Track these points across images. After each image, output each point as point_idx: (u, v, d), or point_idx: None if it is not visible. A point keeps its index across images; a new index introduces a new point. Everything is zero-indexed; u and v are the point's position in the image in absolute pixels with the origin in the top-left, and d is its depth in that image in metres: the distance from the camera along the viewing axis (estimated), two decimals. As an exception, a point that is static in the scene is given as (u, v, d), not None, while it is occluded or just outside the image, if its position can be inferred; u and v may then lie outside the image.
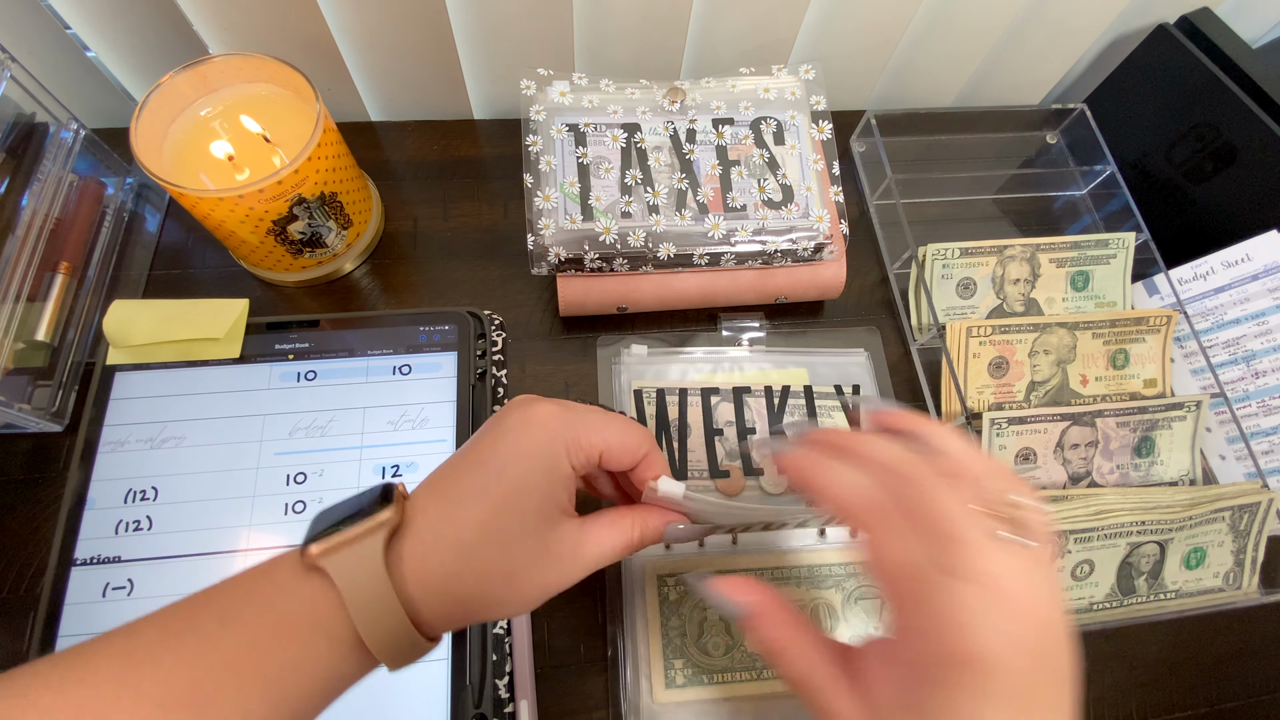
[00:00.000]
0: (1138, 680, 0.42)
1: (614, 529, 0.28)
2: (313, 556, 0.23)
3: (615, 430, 0.28)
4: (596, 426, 0.27)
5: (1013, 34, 0.56)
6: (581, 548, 0.27)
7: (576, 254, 0.43)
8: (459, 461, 0.27)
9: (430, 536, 0.24)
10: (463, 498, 0.25)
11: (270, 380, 0.42)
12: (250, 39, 0.46)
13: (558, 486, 0.26)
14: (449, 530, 0.25)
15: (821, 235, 0.45)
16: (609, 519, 0.28)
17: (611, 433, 0.28)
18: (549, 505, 0.26)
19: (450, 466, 0.27)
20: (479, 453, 0.27)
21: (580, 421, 0.27)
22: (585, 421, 0.27)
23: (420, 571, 0.24)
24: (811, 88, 0.49)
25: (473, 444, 0.27)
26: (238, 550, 0.38)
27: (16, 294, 0.39)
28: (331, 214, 0.44)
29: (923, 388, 0.49)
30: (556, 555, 0.26)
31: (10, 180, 0.41)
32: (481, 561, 0.24)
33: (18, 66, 0.40)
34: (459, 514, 0.25)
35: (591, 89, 0.47)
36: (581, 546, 0.27)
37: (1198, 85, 0.51)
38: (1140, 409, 0.46)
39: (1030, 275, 0.50)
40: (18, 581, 0.38)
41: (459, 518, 0.25)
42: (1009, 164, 0.60)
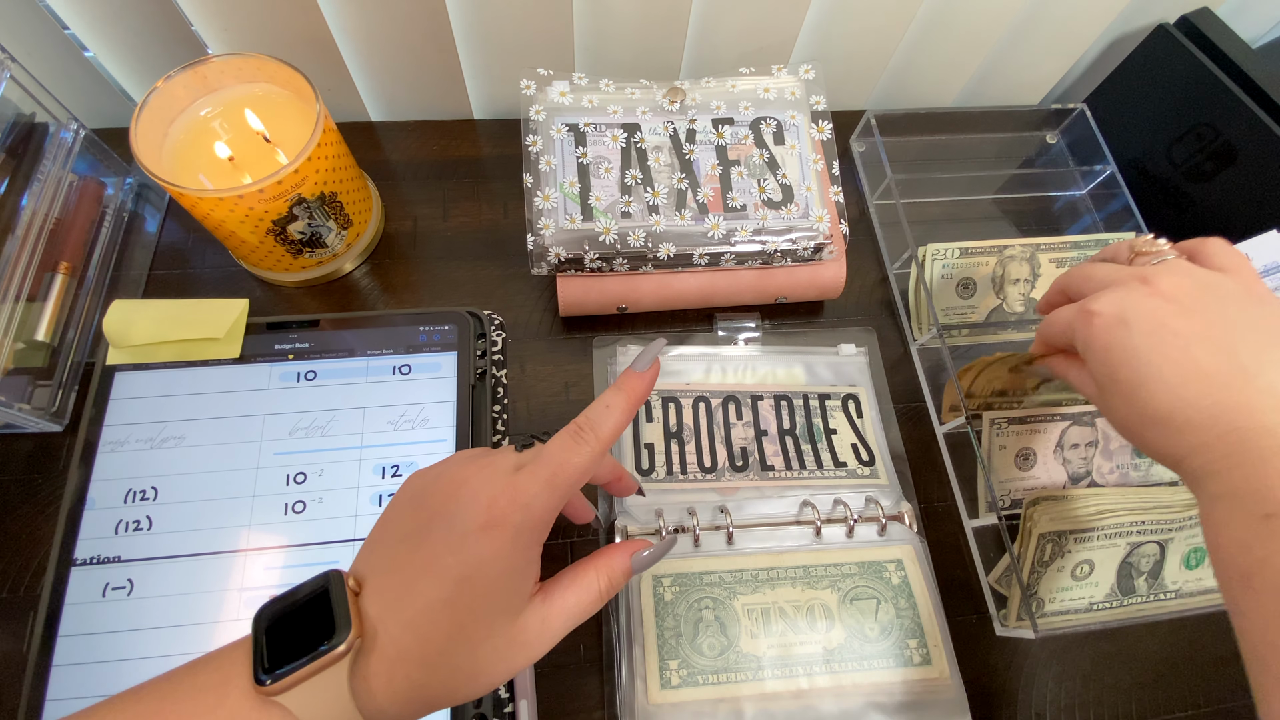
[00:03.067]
0: (1138, 680, 0.42)
1: (577, 588, 0.27)
2: (273, 692, 0.22)
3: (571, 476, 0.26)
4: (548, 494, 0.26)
5: (1013, 34, 0.56)
6: (547, 624, 0.26)
7: (576, 254, 0.43)
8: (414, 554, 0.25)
9: (393, 652, 0.23)
10: (427, 606, 0.24)
11: (270, 380, 0.42)
12: (250, 39, 0.46)
13: (525, 580, 0.26)
14: (414, 646, 0.23)
15: (821, 235, 0.45)
16: (570, 579, 0.27)
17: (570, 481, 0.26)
18: (516, 600, 0.25)
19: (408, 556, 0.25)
20: (433, 550, 0.25)
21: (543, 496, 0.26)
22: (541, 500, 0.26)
23: (385, 691, 0.23)
24: (811, 88, 0.49)
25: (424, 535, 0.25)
26: (238, 550, 0.38)
27: (16, 294, 0.39)
28: (331, 214, 0.44)
29: (923, 388, 0.49)
30: (523, 643, 0.25)
31: (10, 180, 0.41)
32: (448, 670, 0.24)
33: (17, 67, 0.40)
34: (423, 626, 0.23)
35: (591, 89, 0.47)
36: (547, 623, 0.26)
37: (1198, 85, 0.51)
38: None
39: (1030, 275, 0.50)
40: (18, 581, 0.38)
41: (424, 630, 0.23)
42: (1009, 164, 0.60)
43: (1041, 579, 0.39)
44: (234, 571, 0.37)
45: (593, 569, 0.28)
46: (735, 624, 0.39)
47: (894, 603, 0.41)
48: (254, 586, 0.37)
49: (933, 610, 0.41)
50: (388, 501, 0.39)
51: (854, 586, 0.41)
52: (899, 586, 0.41)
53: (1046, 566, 0.39)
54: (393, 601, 0.24)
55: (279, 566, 0.37)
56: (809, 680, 0.38)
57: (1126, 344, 0.30)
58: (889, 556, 0.42)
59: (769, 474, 0.44)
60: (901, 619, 0.40)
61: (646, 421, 0.45)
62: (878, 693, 0.38)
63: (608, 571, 0.28)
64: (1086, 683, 0.42)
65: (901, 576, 0.41)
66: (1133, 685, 0.42)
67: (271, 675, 0.22)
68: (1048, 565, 0.39)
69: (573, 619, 0.27)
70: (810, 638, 0.39)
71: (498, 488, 0.26)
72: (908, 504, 0.44)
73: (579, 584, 0.27)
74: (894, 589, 0.41)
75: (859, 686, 0.38)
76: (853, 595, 0.41)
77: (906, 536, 0.43)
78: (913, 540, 0.43)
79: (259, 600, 0.36)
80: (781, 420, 0.46)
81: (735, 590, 0.40)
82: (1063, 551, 0.39)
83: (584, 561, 0.29)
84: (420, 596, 0.24)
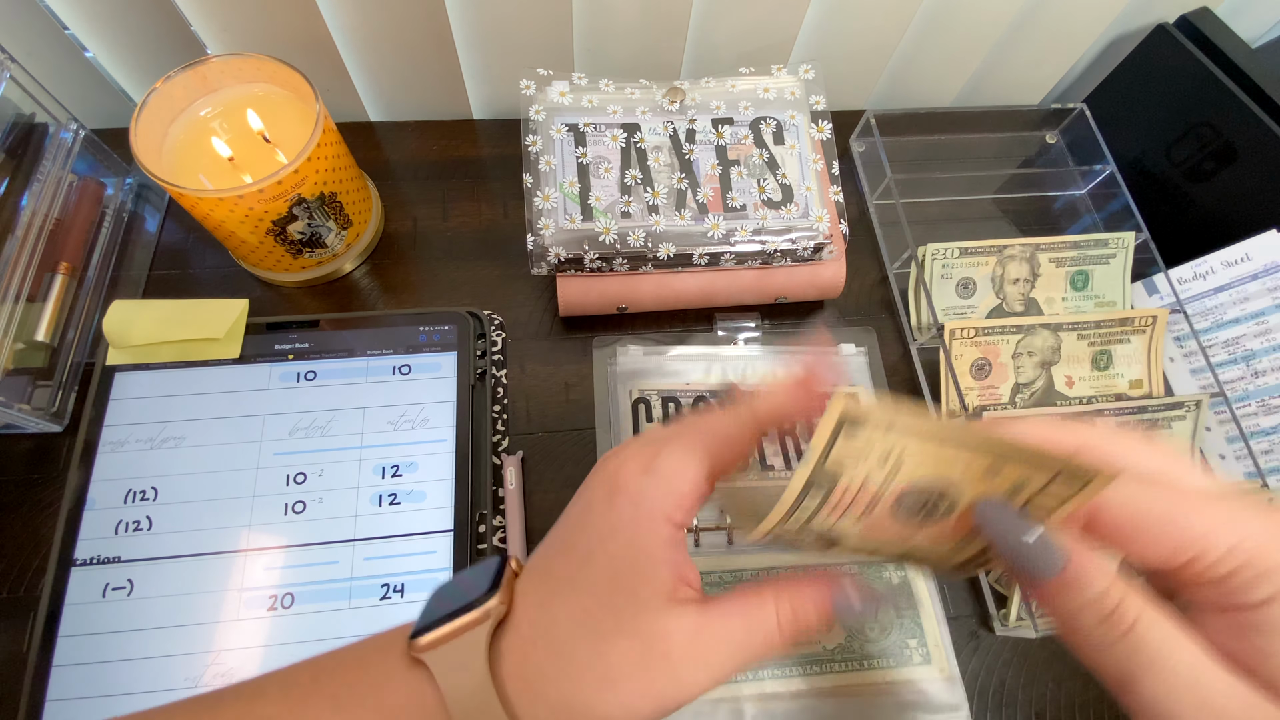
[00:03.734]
0: (1137, 680, 0.42)
1: (746, 610, 0.21)
2: (419, 649, 0.21)
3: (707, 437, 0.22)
4: (685, 449, 0.22)
5: (1013, 34, 0.56)
6: (699, 641, 0.21)
7: (576, 254, 0.43)
8: (555, 536, 0.23)
9: (528, 630, 0.22)
10: (558, 585, 0.22)
11: (270, 380, 0.42)
12: (249, 39, 0.46)
13: (657, 562, 0.21)
14: (544, 622, 0.21)
15: (821, 235, 0.45)
16: (740, 598, 0.22)
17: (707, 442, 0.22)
18: (645, 592, 0.21)
19: (551, 539, 0.24)
20: (569, 531, 0.23)
21: (674, 465, 0.22)
22: (678, 456, 0.22)
23: (521, 675, 0.21)
24: (811, 88, 0.49)
25: (565, 518, 0.24)
26: (238, 550, 0.38)
27: (16, 294, 0.39)
28: (331, 214, 0.44)
29: (923, 388, 0.49)
30: (663, 656, 0.20)
31: (10, 180, 0.41)
32: (575, 663, 0.21)
33: (17, 67, 0.40)
34: (553, 604, 0.22)
35: (591, 89, 0.47)
36: (699, 640, 0.21)
37: (1197, 85, 0.51)
38: (1140, 409, 0.46)
39: (1030, 275, 0.50)
40: (18, 581, 0.38)
41: (553, 608, 0.22)
42: (1009, 164, 0.60)
43: None
44: (234, 572, 0.37)
45: (770, 593, 0.22)
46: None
47: (894, 602, 0.41)
48: (254, 586, 0.37)
49: (933, 610, 0.41)
50: (389, 501, 0.40)
51: (854, 586, 0.41)
52: (899, 586, 0.41)
53: None
54: (537, 582, 0.23)
55: (279, 566, 0.37)
56: (809, 680, 0.38)
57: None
58: (889, 556, 0.42)
59: (768, 473, 0.44)
60: (901, 619, 0.40)
61: (647, 421, 0.45)
62: (878, 693, 0.38)
63: (791, 599, 0.22)
64: (1087, 683, 0.42)
65: (901, 576, 0.41)
66: (1133, 685, 0.42)
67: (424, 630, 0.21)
68: None
69: (738, 649, 0.21)
70: (810, 638, 0.39)
71: (628, 453, 0.23)
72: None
73: (749, 605, 0.21)
74: (894, 589, 0.41)
75: (859, 686, 0.38)
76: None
77: (906, 536, 0.43)
78: (913, 540, 0.43)
79: (258, 600, 0.37)
80: (781, 420, 0.46)
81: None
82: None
83: (757, 585, 0.22)
84: (553, 577, 0.22)
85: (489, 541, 0.40)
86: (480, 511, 0.40)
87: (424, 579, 0.38)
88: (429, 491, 0.40)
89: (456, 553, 0.39)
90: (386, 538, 0.39)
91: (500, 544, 0.41)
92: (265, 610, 0.37)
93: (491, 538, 0.40)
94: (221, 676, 0.35)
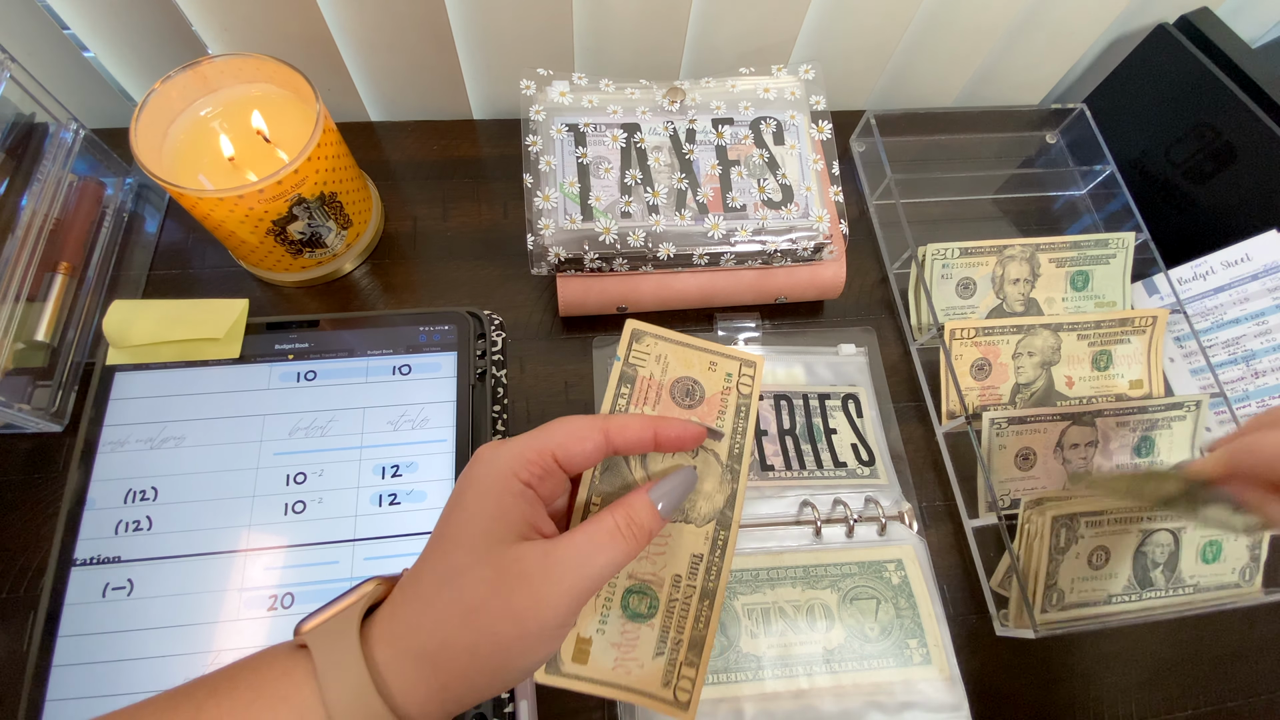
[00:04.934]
0: (1137, 680, 0.42)
1: (589, 526, 0.25)
2: (300, 632, 0.23)
3: (558, 425, 0.26)
4: (537, 432, 0.26)
5: (1013, 34, 0.56)
6: (551, 563, 0.23)
7: (576, 254, 0.43)
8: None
9: (398, 596, 0.24)
10: (426, 552, 0.25)
11: (270, 380, 0.42)
12: (250, 39, 0.46)
13: (507, 509, 0.24)
14: (411, 584, 0.24)
15: (821, 235, 0.45)
16: (586, 522, 0.25)
17: (554, 428, 0.26)
18: (497, 528, 0.24)
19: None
20: (443, 511, 0.26)
21: (521, 438, 0.26)
22: (527, 435, 0.26)
23: (388, 633, 0.23)
24: (811, 88, 0.49)
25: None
26: (238, 550, 0.38)
27: (16, 294, 0.39)
28: (331, 214, 0.44)
29: (922, 388, 0.49)
30: (518, 576, 0.23)
31: (10, 180, 0.41)
32: (436, 607, 0.23)
33: (17, 67, 0.40)
34: (420, 566, 0.24)
35: (591, 89, 0.47)
36: (550, 561, 0.23)
37: (1197, 85, 0.51)
38: (1140, 409, 0.46)
39: (1030, 275, 0.50)
40: (18, 581, 0.38)
41: (419, 569, 0.24)
42: (1009, 164, 0.60)
43: (1060, 566, 0.39)
44: (234, 571, 0.37)
45: (608, 511, 0.26)
46: (735, 624, 0.39)
47: (894, 603, 0.41)
48: (254, 586, 0.37)
49: (933, 610, 0.41)
50: (389, 501, 0.40)
51: (854, 586, 0.41)
52: (899, 586, 0.41)
53: (1064, 553, 0.39)
54: (415, 563, 0.25)
55: (279, 566, 0.37)
56: (809, 680, 0.38)
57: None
58: (889, 556, 0.42)
59: (769, 474, 0.44)
60: (901, 619, 0.40)
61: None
62: (878, 692, 0.38)
63: (625, 509, 0.26)
64: (1086, 683, 0.42)
65: (901, 576, 0.41)
66: (1133, 685, 0.42)
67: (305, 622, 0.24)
68: (1064, 552, 0.39)
69: (585, 559, 0.24)
70: (810, 637, 0.39)
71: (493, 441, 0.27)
72: (907, 504, 0.44)
73: (595, 523, 0.25)
74: (894, 589, 0.41)
75: (859, 686, 0.38)
76: (853, 595, 0.41)
77: (906, 536, 0.43)
78: (913, 540, 0.43)
79: (258, 600, 0.37)
80: (781, 420, 0.46)
81: (735, 590, 0.40)
82: (1076, 537, 0.39)
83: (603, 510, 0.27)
84: (425, 549, 0.25)
85: (489, 541, 0.40)
86: (480, 511, 0.40)
87: (424, 579, 0.38)
88: (429, 491, 0.40)
89: (456, 553, 0.39)
90: (386, 538, 0.39)
91: (500, 544, 0.40)
92: (265, 610, 0.37)
93: (491, 538, 0.40)
94: (221, 676, 0.35)
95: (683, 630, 0.28)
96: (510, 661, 0.23)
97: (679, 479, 0.28)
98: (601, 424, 0.27)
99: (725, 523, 0.30)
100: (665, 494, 0.27)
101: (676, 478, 0.28)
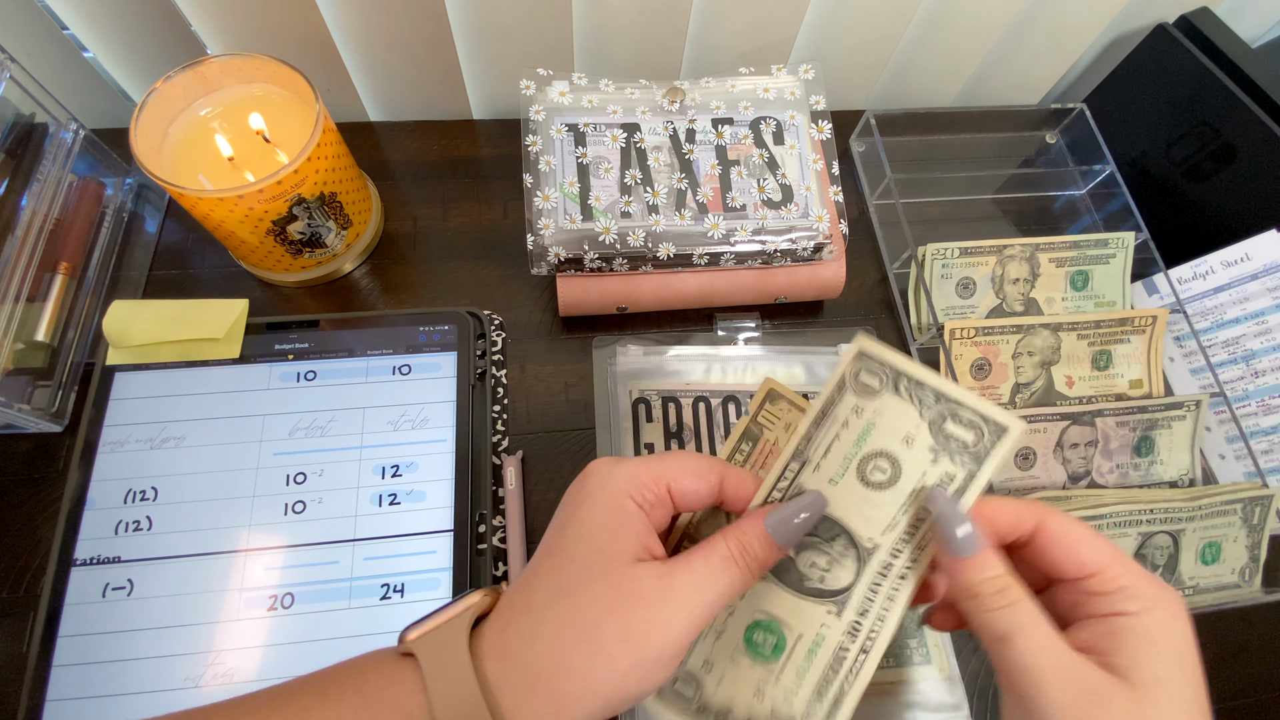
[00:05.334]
0: (1137, 680, 0.42)
1: (706, 550, 0.24)
2: (407, 641, 0.23)
3: (677, 457, 0.26)
4: (655, 459, 0.26)
5: (1012, 34, 0.56)
6: (667, 585, 0.23)
7: (576, 254, 0.43)
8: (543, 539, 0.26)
9: (508, 609, 0.24)
10: (537, 564, 0.24)
11: (270, 380, 0.42)
12: (249, 39, 0.46)
13: (624, 529, 0.24)
14: (522, 597, 0.24)
15: (821, 235, 0.45)
16: (697, 549, 0.25)
17: (673, 460, 0.26)
18: (615, 548, 0.23)
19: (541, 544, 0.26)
20: (553, 523, 0.26)
21: (637, 460, 0.26)
22: (643, 459, 0.26)
23: (499, 646, 0.23)
24: (811, 87, 0.49)
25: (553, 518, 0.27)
26: (238, 550, 0.38)
27: (16, 294, 0.39)
28: (331, 214, 0.44)
29: (922, 387, 0.49)
30: (635, 597, 0.22)
31: (10, 180, 0.41)
32: (552, 622, 0.22)
33: (17, 67, 0.40)
34: (531, 579, 0.24)
35: (591, 89, 0.47)
36: (667, 584, 0.23)
37: (1197, 85, 0.51)
38: (1140, 408, 0.46)
39: (1030, 275, 0.50)
40: (18, 581, 0.38)
41: (531, 582, 0.24)
42: (1009, 164, 0.60)
43: None
44: (234, 572, 0.37)
45: (720, 536, 0.25)
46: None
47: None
48: (254, 586, 0.37)
49: (933, 610, 0.41)
50: (389, 501, 0.40)
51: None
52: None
53: None
54: (523, 574, 0.25)
55: (279, 567, 0.37)
56: (809, 680, 0.38)
57: None
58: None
59: (769, 474, 0.44)
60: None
61: (647, 421, 0.45)
62: (878, 693, 0.38)
63: (738, 536, 0.25)
64: (1086, 682, 0.42)
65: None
66: (1132, 685, 0.42)
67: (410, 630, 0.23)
68: None
69: (702, 585, 0.23)
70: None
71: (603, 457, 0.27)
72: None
73: (706, 547, 0.24)
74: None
75: (859, 686, 0.38)
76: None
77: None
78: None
79: (258, 600, 0.37)
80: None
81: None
82: None
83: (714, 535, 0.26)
84: (535, 561, 0.25)
85: (489, 541, 0.40)
86: (480, 511, 0.40)
87: (424, 579, 0.38)
88: (429, 491, 0.40)
89: (456, 553, 0.39)
90: (386, 538, 0.39)
91: (500, 544, 0.41)
92: (265, 610, 0.37)
93: (491, 538, 0.40)
94: (221, 676, 0.35)
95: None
96: (624, 687, 0.22)
97: (800, 505, 0.25)
98: (721, 469, 0.26)
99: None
100: (782, 521, 0.25)
101: (798, 504, 0.25)
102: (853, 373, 0.26)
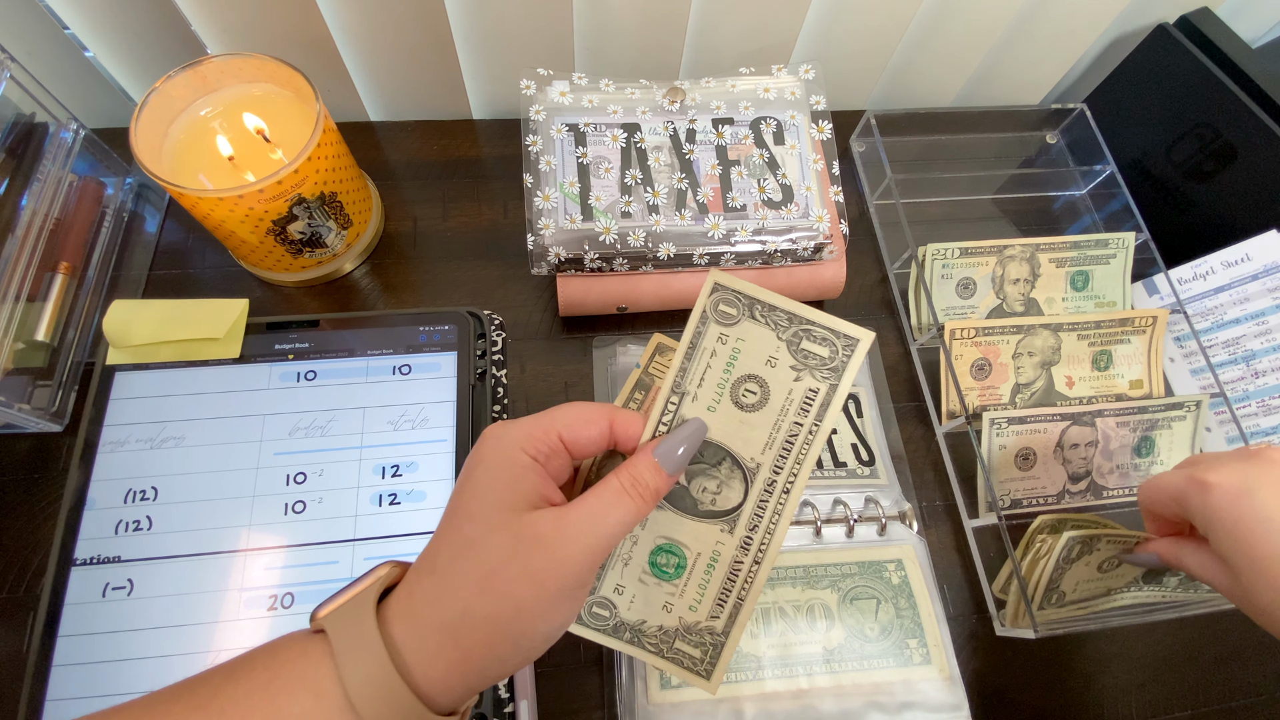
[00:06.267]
0: (1138, 680, 0.42)
1: (600, 488, 0.25)
2: (317, 619, 0.23)
3: (565, 408, 0.27)
4: (545, 413, 0.26)
5: (1013, 34, 0.56)
6: (564, 522, 0.24)
7: (576, 254, 0.43)
8: None
9: (413, 576, 0.24)
10: (439, 530, 0.25)
11: (270, 380, 0.42)
12: (249, 39, 0.46)
13: (519, 481, 0.25)
14: (426, 561, 0.24)
15: (821, 235, 0.45)
16: (595, 485, 0.26)
17: (561, 411, 0.26)
18: (509, 498, 0.24)
19: None
20: (453, 491, 0.26)
21: (528, 418, 0.26)
22: (534, 416, 0.26)
23: (406, 610, 0.23)
24: (811, 88, 0.49)
25: None
26: (238, 550, 0.38)
27: (16, 294, 0.39)
28: (331, 214, 0.44)
29: (923, 388, 0.49)
30: (534, 539, 0.23)
31: (10, 180, 0.41)
32: (454, 578, 0.23)
33: (17, 66, 0.40)
34: (434, 544, 0.25)
35: (591, 89, 0.47)
36: (564, 521, 0.24)
37: (1197, 85, 0.51)
38: (1140, 409, 0.46)
39: (1030, 275, 0.50)
40: (18, 581, 0.38)
41: (433, 547, 0.25)
42: (1009, 164, 0.60)
43: (1066, 574, 0.39)
44: (234, 571, 0.37)
45: (615, 475, 0.26)
46: (735, 624, 0.39)
47: (894, 603, 0.41)
48: (254, 586, 0.37)
49: (933, 610, 0.41)
50: (389, 501, 0.40)
51: (854, 586, 0.41)
52: (899, 586, 0.41)
53: (1072, 564, 0.39)
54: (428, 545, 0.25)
55: (279, 566, 0.37)
56: (809, 680, 0.38)
57: (1259, 513, 0.29)
58: (889, 556, 0.42)
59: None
60: (901, 619, 0.40)
61: (646, 421, 0.45)
62: (878, 692, 0.38)
63: (629, 469, 0.26)
64: (1087, 683, 0.42)
65: (901, 576, 0.41)
66: (1133, 685, 0.42)
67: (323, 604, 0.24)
68: (1074, 562, 0.39)
69: (600, 519, 0.24)
70: (810, 637, 0.39)
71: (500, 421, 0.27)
72: (907, 504, 0.44)
73: (604, 485, 0.25)
74: (894, 589, 0.41)
75: (859, 686, 0.38)
76: (853, 595, 0.41)
77: (906, 536, 0.43)
78: (913, 540, 0.43)
79: (258, 600, 0.37)
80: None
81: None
82: (1093, 549, 0.39)
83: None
84: (437, 529, 0.25)
85: (489, 541, 0.40)
86: (480, 511, 0.40)
87: (424, 579, 0.38)
88: (429, 491, 0.40)
89: (456, 553, 0.39)
90: (386, 538, 0.39)
91: (500, 544, 0.40)
92: (265, 610, 0.37)
93: (491, 538, 0.40)
94: (221, 676, 0.35)
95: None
96: (532, 626, 0.23)
97: (683, 434, 0.27)
98: (609, 412, 0.27)
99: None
100: (667, 451, 0.26)
101: (680, 433, 0.27)
102: (712, 304, 0.27)
